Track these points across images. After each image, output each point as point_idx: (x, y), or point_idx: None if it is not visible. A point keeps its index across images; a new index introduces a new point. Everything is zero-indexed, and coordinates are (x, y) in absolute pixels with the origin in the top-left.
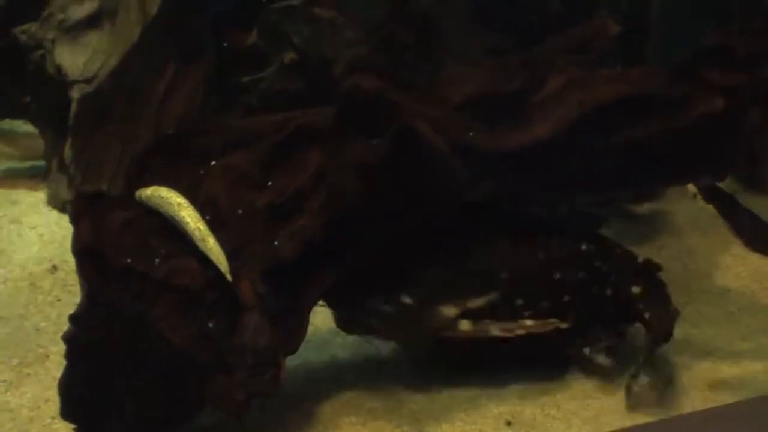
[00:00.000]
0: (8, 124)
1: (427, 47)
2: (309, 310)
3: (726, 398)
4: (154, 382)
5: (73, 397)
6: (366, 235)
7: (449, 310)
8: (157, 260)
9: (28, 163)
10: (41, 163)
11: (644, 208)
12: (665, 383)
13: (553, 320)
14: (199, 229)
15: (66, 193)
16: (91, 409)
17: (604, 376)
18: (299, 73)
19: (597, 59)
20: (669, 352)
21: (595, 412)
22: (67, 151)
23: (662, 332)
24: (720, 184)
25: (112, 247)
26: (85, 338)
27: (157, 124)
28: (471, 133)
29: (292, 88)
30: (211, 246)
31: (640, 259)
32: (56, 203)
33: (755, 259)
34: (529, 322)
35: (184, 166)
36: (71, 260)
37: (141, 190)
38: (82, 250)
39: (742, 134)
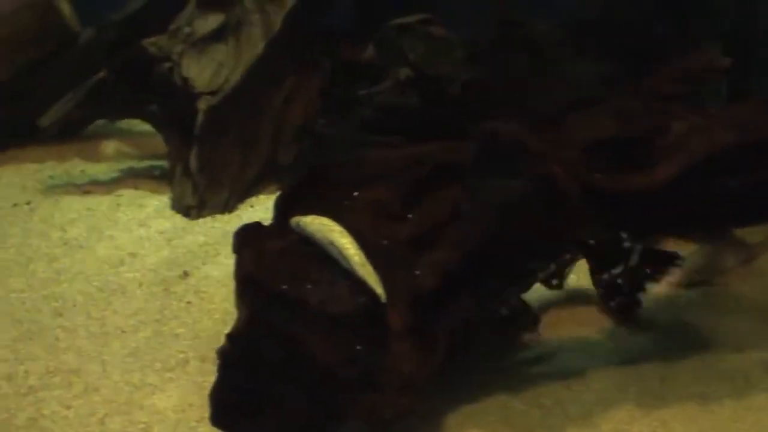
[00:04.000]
0: (126, 123)
1: (540, 74)
2: (447, 336)
3: None
4: (301, 395)
5: (223, 405)
6: (498, 269)
7: None
8: (309, 286)
9: (147, 162)
10: (159, 162)
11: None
12: None
13: None
14: (359, 254)
15: (191, 199)
16: (240, 417)
17: None
18: (414, 89)
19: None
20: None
21: None
22: (193, 160)
23: None
24: None
25: (270, 274)
26: (239, 355)
27: (275, 134)
28: (597, 175)
29: (407, 103)
30: (370, 272)
31: None
32: (180, 208)
33: None
34: None
35: (329, 198)
36: (203, 267)
37: (299, 217)
38: (244, 277)
39: None
